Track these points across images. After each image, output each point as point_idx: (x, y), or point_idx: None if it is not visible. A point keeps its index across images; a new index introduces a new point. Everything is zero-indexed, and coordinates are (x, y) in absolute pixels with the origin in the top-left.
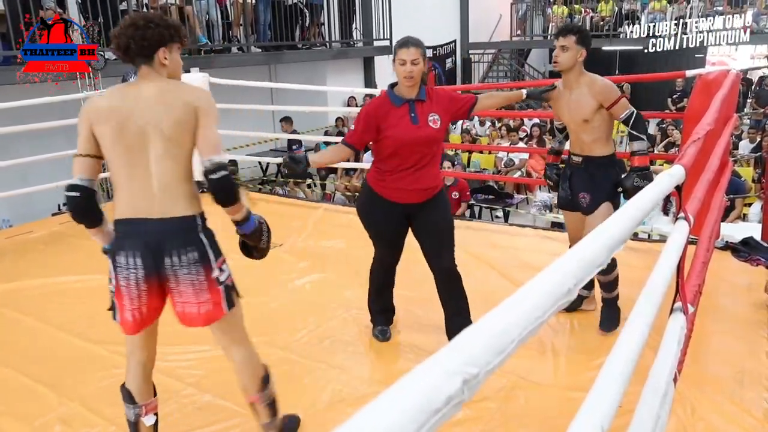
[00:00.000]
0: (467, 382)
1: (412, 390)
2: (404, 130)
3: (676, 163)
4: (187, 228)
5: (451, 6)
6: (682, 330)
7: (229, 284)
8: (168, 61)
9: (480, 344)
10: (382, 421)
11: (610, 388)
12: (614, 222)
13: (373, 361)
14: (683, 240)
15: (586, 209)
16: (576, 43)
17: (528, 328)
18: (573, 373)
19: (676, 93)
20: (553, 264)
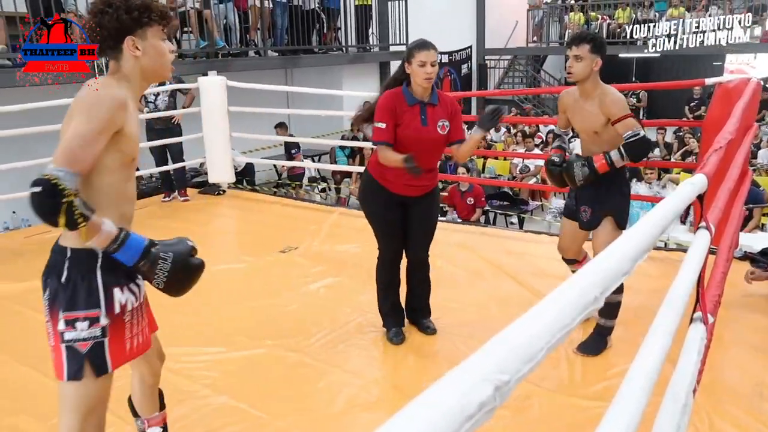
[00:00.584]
0: (499, 388)
1: (445, 396)
2: (414, 131)
3: (698, 172)
4: (54, 256)
5: (468, 12)
6: (702, 340)
7: (79, 349)
8: (141, 52)
9: (510, 352)
10: (416, 427)
11: (633, 399)
12: (638, 231)
13: (387, 366)
14: (705, 249)
15: (585, 223)
16: (590, 52)
17: (556, 336)
18: (588, 382)
19: (693, 101)
20: (578, 273)
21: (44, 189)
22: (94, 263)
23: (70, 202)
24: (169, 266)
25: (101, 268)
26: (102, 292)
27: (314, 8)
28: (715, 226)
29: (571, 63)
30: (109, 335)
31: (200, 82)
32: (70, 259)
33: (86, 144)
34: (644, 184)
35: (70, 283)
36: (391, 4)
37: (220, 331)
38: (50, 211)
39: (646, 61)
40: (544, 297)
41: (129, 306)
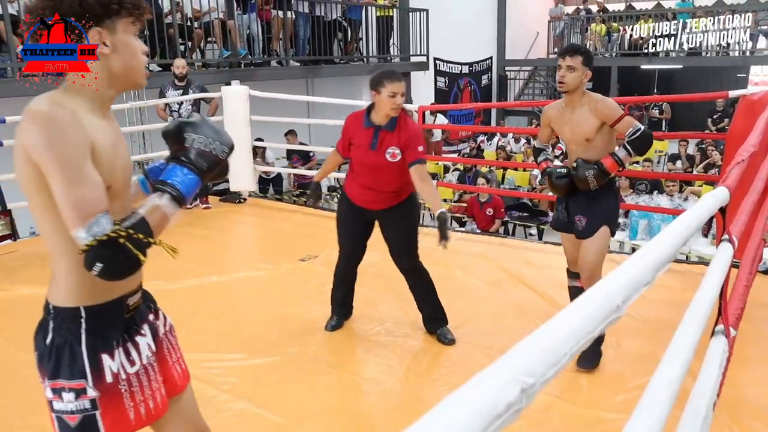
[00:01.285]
0: (525, 390)
1: (475, 395)
2: (362, 153)
3: (720, 185)
4: (43, 313)
5: (489, 22)
6: (723, 353)
7: (69, 422)
8: (110, 49)
9: (536, 356)
10: (447, 424)
11: (654, 411)
12: (661, 242)
13: (406, 374)
14: (727, 262)
15: (581, 233)
16: (582, 63)
17: (580, 342)
18: (607, 394)
19: (716, 113)
20: (601, 281)
21: (102, 258)
22: (78, 325)
23: (126, 239)
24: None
25: (86, 332)
26: (87, 360)
27: (336, 19)
28: (738, 239)
29: (563, 73)
30: (101, 408)
31: (223, 91)
32: (54, 319)
33: (82, 185)
34: (666, 196)
35: (54, 346)
36: (413, 15)
37: (240, 338)
38: (128, 263)
39: (668, 73)
40: (562, 308)
41: (124, 373)
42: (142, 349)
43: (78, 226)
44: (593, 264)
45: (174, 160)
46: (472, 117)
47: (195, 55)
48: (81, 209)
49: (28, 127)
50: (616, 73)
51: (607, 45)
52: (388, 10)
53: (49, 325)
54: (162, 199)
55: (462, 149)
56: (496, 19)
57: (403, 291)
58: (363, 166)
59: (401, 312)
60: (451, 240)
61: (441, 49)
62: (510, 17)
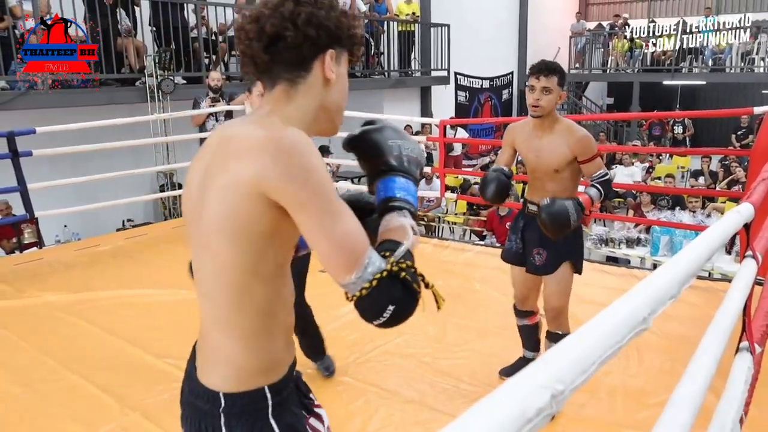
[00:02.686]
0: (555, 396)
1: (508, 400)
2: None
3: (744, 201)
4: (199, 407)
5: (510, 37)
6: (749, 370)
7: None
8: (336, 77)
9: (566, 364)
10: (481, 427)
11: (674, 427)
12: (685, 256)
13: (424, 386)
14: (751, 278)
15: (539, 268)
16: (558, 84)
17: (607, 351)
18: (628, 410)
19: (740, 129)
20: (628, 294)
21: (393, 299)
22: (265, 410)
23: (405, 271)
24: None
25: (275, 417)
26: None
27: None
28: (762, 256)
29: (538, 96)
30: None
31: (247, 105)
32: (230, 410)
33: (345, 218)
34: (688, 212)
35: None
36: (434, 30)
37: None
38: (413, 300)
39: (691, 89)
40: (582, 322)
41: None
42: (324, 419)
43: (350, 269)
44: (558, 307)
45: (390, 172)
46: (492, 131)
47: (219, 68)
48: (351, 247)
49: (271, 154)
50: (638, 89)
51: (629, 61)
52: (410, 25)
53: (220, 419)
54: (407, 218)
55: (482, 163)
56: (518, 34)
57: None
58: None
59: (419, 322)
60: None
61: (462, 64)
62: (531, 32)
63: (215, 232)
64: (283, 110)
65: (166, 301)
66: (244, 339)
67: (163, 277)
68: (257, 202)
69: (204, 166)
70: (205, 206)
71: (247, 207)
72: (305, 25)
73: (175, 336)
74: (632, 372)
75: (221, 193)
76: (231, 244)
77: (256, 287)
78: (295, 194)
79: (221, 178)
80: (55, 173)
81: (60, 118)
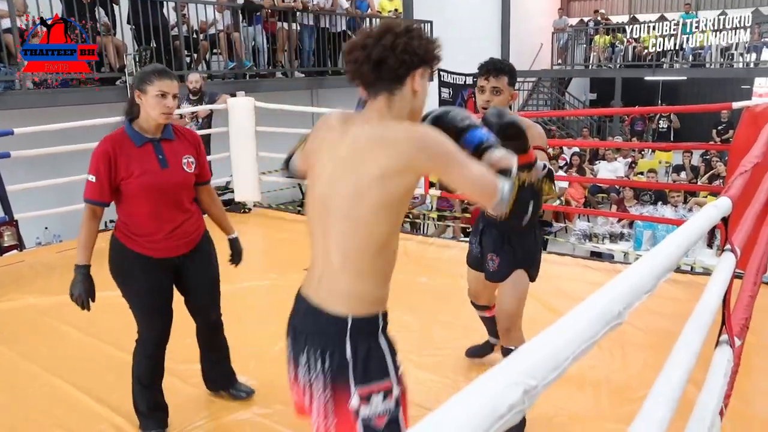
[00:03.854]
0: (527, 392)
1: (478, 397)
2: (152, 177)
3: (723, 195)
4: (326, 326)
5: (493, 34)
6: (728, 363)
7: (376, 427)
8: (421, 89)
9: (538, 359)
10: (450, 424)
11: (655, 418)
12: (662, 251)
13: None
14: (729, 272)
15: (491, 274)
16: (508, 84)
17: (581, 347)
18: (613, 405)
19: (721, 124)
20: (603, 288)
21: (529, 199)
22: (377, 330)
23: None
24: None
25: (383, 335)
26: (390, 361)
27: (344, 30)
28: (740, 250)
29: (488, 97)
30: (402, 405)
31: (230, 102)
32: (354, 330)
33: (474, 164)
34: (670, 207)
35: (359, 354)
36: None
37: (248, 348)
38: (538, 196)
39: (672, 85)
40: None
41: (401, 370)
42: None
43: (494, 195)
44: (509, 315)
45: (468, 129)
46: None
47: (201, 67)
48: (488, 181)
49: (417, 144)
50: (620, 85)
51: (611, 57)
52: None
53: (347, 336)
54: (500, 149)
55: None
56: (500, 30)
57: (408, 298)
58: (158, 193)
59: (403, 319)
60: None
61: (445, 60)
62: (514, 29)
63: (369, 205)
64: (388, 115)
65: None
66: (374, 280)
67: None
68: (407, 178)
69: (342, 156)
70: (351, 184)
71: (400, 182)
72: (402, 53)
73: None
74: (616, 367)
75: (378, 174)
76: (384, 212)
77: (391, 241)
78: (440, 164)
79: (373, 164)
80: (34, 175)
81: (39, 118)
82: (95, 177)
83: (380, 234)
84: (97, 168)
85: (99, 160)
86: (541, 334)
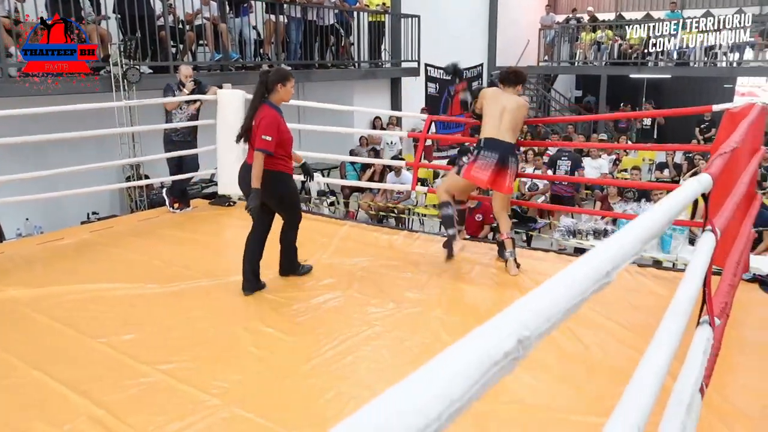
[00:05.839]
0: (521, 341)
1: (475, 344)
2: (289, 133)
3: (704, 172)
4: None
5: (480, 29)
6: (708, 341)
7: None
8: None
9: (532, 312)
10: (450, 368)
11: (641, 395)
12: (648, 217)
13: (395, 378)
14: (710, 251)
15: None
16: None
17: (572, 301)
18: (596, 399)
19: (704, 123)
20: (592, 251)
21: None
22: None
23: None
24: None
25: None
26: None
27: (332, 24)
28: (721, 231)
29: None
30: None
31: (219, 94)
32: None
33: None
34: (653, 204)
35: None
36: (405, 21)
37: (232, 342)
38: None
39: (656, 82)
40: None
41: None
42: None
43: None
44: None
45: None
46: (462, 124)
47: (186, 58)
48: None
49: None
50: (606, 82)
51: (597, 54)
52: (380, 15)
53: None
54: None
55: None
56: (488, 26)
57: (392, 292)
58: (289, 146)
59: (389, 314)
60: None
61: (432, 55)
62: (501, 25)
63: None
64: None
65: (132, 295)
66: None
67: (129, 271)
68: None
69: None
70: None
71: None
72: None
73: (141, 331)
74: (598, 360)
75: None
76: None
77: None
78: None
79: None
80: (15, 165)
81: (22, 107)
82: (272, 137)
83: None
84: (273, 131)
85: (276, 126)
86: (534, 291)
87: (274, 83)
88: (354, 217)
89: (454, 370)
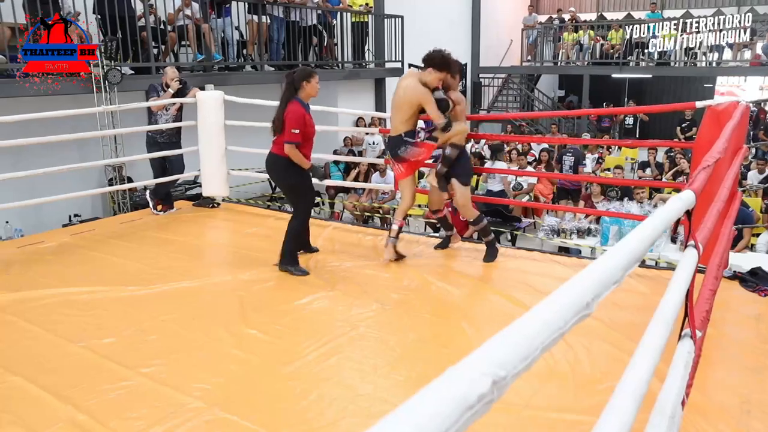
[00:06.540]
0: (496, 383)
1: (448, 388)
2: (313, 127)
3: (687, 188)
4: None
5: (463, 30)
6: (690, 354)
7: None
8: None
9: (508, 350)
10: (421, 415)
11: (621, 412)
12: (629, 243)
13: (378, 380)
14: (692, 267)
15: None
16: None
17: (550, 337)
18: (578, 397)
19: (685, 122)
20: (572, 280)
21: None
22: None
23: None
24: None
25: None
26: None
27: (314, 24)
28: (703, 246)
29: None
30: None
31: (199, 96)
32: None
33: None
34: (636, 203)
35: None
36: (388, 21)
37: (213, 344)
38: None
39: (638, 82)
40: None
41: None
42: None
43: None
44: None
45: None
46: None
47: (168, 59)
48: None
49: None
50: (588, 82)
51: (579, 54)
52: (364, 16)
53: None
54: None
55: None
56: (471, 26)
57: (376, 293)
58: (312, 137)
59: (373, 315)
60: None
61: (416, 56)
62: (484, 24)
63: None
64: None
65: (111, 299)
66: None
67: (110, 274)
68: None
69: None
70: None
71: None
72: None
73: (121, 334)
74: (581, 359)
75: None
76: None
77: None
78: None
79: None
80: None
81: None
82: (299, 130)
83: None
84: (300, 124)
85: (301, 120)
86: (510, 326)
87: (300, 81)
88: (339, 218)
89: (427, 415)
